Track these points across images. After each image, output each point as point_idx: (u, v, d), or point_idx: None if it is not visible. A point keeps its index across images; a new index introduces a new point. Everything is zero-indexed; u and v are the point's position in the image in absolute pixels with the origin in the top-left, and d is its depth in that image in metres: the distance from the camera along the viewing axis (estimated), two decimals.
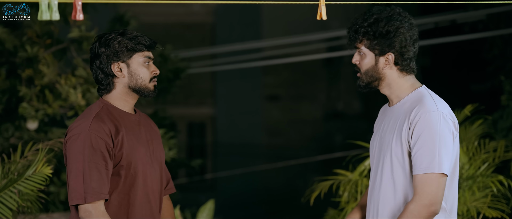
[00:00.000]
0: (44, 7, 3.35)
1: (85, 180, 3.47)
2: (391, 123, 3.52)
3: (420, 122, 3.38)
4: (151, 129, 3.76)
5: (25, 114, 7.42)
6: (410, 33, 3.48)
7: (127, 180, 3.58)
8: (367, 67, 3.52)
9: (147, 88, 3.64)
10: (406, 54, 3.48)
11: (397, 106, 3.53)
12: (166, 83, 8.26)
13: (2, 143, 7.74)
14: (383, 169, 3.50)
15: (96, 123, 3.54)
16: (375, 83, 3.53)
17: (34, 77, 7.57)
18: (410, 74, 3.53)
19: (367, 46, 3.50)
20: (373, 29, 3.47)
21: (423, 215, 3.31)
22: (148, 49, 3.65)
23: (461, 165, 6.23)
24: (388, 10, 3.50)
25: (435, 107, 3.41)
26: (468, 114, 6.19)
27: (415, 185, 3.35)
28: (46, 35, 7.81)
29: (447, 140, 3.37)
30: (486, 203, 5.97)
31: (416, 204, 3.33)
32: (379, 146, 3.56)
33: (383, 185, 3.49)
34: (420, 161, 3.35)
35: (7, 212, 4.94)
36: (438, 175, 3.32)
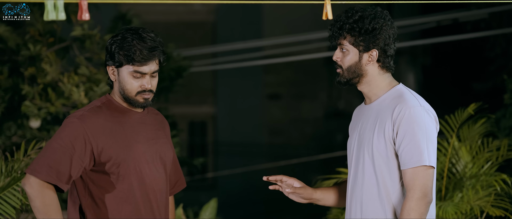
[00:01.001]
0: (50, 7, 3.34)
1: (47, 156, 3.48)
2: (370, 121, 3.56)
3: (405, 118, 3.43)
4: (159, 128, 3.72)
5: (27, 113, 7.42)
6: (392, 31, 3.56)
7: (119, 179, 3.56)
8: (350, 64, 3.56)
9: (134, 100, 3.58)
10: (388, 51, 3.55)
11: (375, 103, 3.58)
12: (168, 82, 8.25)
13: (4, 142, 7.74)
14: (364, 167, 3.54)
15: (88, 116, 3.55)
16: (356, 80, 3.57)
17: (37, 76, 7.56)
18: (389, 72, 3.59)
19: (351, 42, 3.54)
20: (359, 25, 3.51)
21: (422, 207, 3.40)
22: (139, 64, 3.52)
23: (464, 164, 6.23)
24: (370, 9, 3.56)
25: (417, 102, 3.47)
26: (472, 113, 6.18)
27: (406, 180, 3.42)
28: (49, 33, 7.81)
29: (432, 134, 3.46)
30: (490, 202, 5.97)
31: (412, 199, 3.40)
32: (358, 145, 3.59)
33: (366, 183, 3.53)
34: (410, 155, 3.41)
35: (10, 210, 4.94)
36: (428, 167, 3.41)
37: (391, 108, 3.48)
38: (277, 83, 15.77)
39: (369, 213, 3.53)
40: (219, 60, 13.62)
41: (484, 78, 11.33)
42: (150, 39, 3.54)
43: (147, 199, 3.61)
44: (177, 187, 3.88)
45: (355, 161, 3.60)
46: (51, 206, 3.46)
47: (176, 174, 3.86)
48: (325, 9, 3.89)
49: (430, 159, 3.41)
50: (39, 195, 3.45)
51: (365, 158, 3.53)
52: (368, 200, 3.53)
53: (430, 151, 3.43)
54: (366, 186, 3.53)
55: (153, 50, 3.53)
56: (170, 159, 3.73)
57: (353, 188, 3.59)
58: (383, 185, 3.50)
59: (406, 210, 3.40)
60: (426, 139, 3.42)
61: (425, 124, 3.44)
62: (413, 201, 3.39)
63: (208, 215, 7.36)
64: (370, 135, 3.53)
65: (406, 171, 3.42)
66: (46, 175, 3.46)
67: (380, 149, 3.49)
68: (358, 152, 3.58)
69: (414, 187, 3.40)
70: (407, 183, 3.42)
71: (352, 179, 3.61)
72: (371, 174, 3.52)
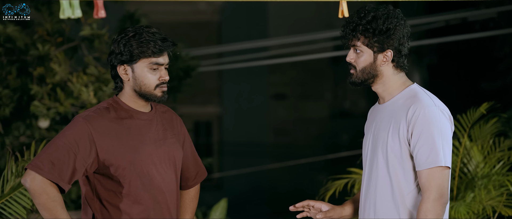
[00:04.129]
0: (66, 5, 3.32)
1: (51, 153, 3.45)
2: (384, 121, 3.54)
3: (420, 118, 3.41)
4: (167, 127, 3.71)
5: (36, 113, 7.41)
6: (406, 30, 3.53)
7: (126, 182, 3.54)
8: (365, 65, 3.53)
9: (153, 95, 3.56)
10: (403, 51, 3.53)
11: (389, 103, 3.56)
12: (176, 82, 8.24)
13: (12, 142, 7.73)
14: (378, 167, 3.52)
15: (94, 117, 3.54)
16: (371, 80, 3.55)
17: (46, 75, 7.56)
18: (403, 71, 3.58)
19: (366, 43, 3.52)
20: (372, 26, 3.49)
21: (438, 208, 3.37)
22: (157, 55, 3.55)
23: (476, 163, 6.20)
24: (383, 8, 3.53)
25: (431, 102, 3.45)
26: (484, 112, 6.16)
27: (422, 181, 3.39)
28: (57, 33, 7.80)
29: (448, 134, 3.44)
30: (502, 201, 5.94)
31: (429, 200, 3.38)
32: (373, 145, 3.57)
33: (380, 183, 3.51)
34: (426, 156, 3.39)
35: (21, 211, 4.93)
36: (443, 168, 3.39)
37: (406, 108, 3.46)
38: (283, 83, 15.75)
39: (383, 214, 3.51)
40: (225, 60, 13.60)
41: (493, 78, 11.31)
42: (158, 33, 3.56)
43: (156, 201, 3.60)
44: (198, 178, 3.88)
45: (369, 161, 3.58)
46: (56, 202, 3.44)
47: (196, 165, 3.86)
48: (341, 7, 3.88)
49: (446, 160, 3.39)
50: (43, 192, 3.42)
51: (379, 159, 3.51)
52: (381, 201, 3.51)
53: (446, 151, 3.40)
54: (380, 186, 3.51)
55: (165, 41, 3.55)
56: (179, 158, 3.71)
57: (368, 188, 3.58)
58: (397, 186, 3.48)
59: (423, 212, 3.37)
60: (442, 139, 3.40)
61: (440, 124, 3.41)
62: (429, 202, 3.37)
63: (218, 215, 7.35)
64: (384, 135, 3.51)
65: (421, 172, 3.40)
66: (48, 173, 3.43)
67: (395, 149, 3.47)
68: (372, 152, 3.57)
69: (430, 188, 3.37)
70: (423, 184, 3.40)
71: (366, 179, 3.60)
72: (385, 175, 3.50)
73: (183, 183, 3.87)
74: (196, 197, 3.92)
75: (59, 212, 3.44)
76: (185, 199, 3.89)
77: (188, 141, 3.83)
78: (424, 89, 3.56)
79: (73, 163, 3.47)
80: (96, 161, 3.52)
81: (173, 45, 3.60)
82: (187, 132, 3.85)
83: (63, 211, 3.45)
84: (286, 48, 13.56)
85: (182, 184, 3.87)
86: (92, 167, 3.52)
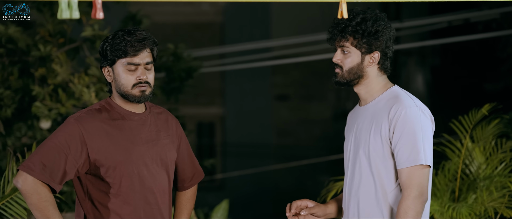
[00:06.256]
0: (64, 6, 3.31)
1: (42, 154, 3.48)
2: (366, 122, 3.60)
3: (401, 118, 3.49)
4: (160, 128, 3.71)
5: (38, 113, 7.40)
6: (392, 34, 3.63)
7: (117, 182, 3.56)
8: (352, 65, 3.60)
9: (131, 94, 3.59)
10: (388, 53, 3.61)
11: (370, 105, 3.62)
12: (179, 82, 8.24)
13: (14, 143, 7.73)
14: (361, 168, 3.57)
15: (85, 118, 3.57)
16: (355, 81, 3.61)
17: (47, 76, 7.56)
18: (386, 74, 3.66)
19: (354, 44, 3.59)
20: (362, 27, 3.56)
21: (418, 206, 3.44)
22: (131, 55, 3.56)
23: (478, 165, 6.19)
24: (371, 11, 3.61)
25: (412, 103, 3.53)
26: (486, 114, 6.16)
27: (403, 179, 3.46)
28: (59, 34, 7.80)
29: (429, 133, 3.51)
30: (504, 203, 5.94)
31: (409, 198, 3.44)
32: (355, 146, 3.62)
33: (363, 183, 3.57)
34: (407, 155, 3.46)
35: (22, 212, 4.94)
36: (424, 166, 3.46)
37: (388, 109, 3.53)
38: (286, 84, 15.74)
39: (366, 213, 3.56)
40: (227, 61, 13.59)
41: (495, 79, 11.29)
42: (140, 33, 3.59)
43: (147, 201, 3.62)
44: (195, 179, 3.90)
45: (352, 162, 3.63)
46: (48, 202, 3.47)
47: (192, 167, 3.88)
48: (341, 8, 3.88)
49: (426, 158, 3.46)
50: (35, 192, 3.46)
51: (362, 159, 3.57)
52: (365, 200, 3.57)
53: (427, 150, 3.47)
54: (363, 186, 3.57)
55: (143, 40, 3.57)
56: (172, 159, 3.72)
57: (351, 189, 3.63)
58: (380, 185, 3.54)
59: (403, 209, 3.43)
60: (423, 138, 3.47)
61: (421, 123, 3.48)
62: (410, 200, 3.43)
63: (220, 216, 7.35)
64: (366, 135, 3.57)
65: (402, 170, 3.47)
66: (39, 174, 3.46)
67: (377, 149, 3.53)
68: (354, 153, 3.62)
69: (411, 186, 3.44)
70: (404, 182, 3.46)
71: (349, 181, 3.65)
72: (368, 174, 3.56)
73: (180, 184, 3.89)
74: (192, 198, 3.93)
75: (50, 212, 3.46)
76: (182, 200, 3.91)
77: (184, 143, 3.83)
78: (405, 91, 3.63)
79: (64, 164, 3.50)
80: (87, 162, 3.54)
81: (151, 44, 3.60)
82: (184, 133, 3.86)
83: (54, 211, 3.47)
84: (289, 49, 13.55)
85: (178, 185, 3.89)
86: (83, 167, 3.55)
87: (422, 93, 14.81)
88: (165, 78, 8.34)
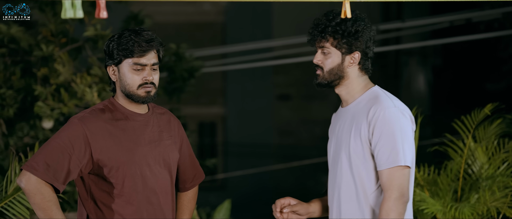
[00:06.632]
0: (68, 5, 3.31)
1: (46, 154, 3.49)
2: (346, 123, 3.59)
3: (380, 119, 3.48)
4: (163, 128, 3.72)
5: (40, 113, 7.40)
6: (372, 33, 3.62)
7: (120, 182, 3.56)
8: (332, 66, 3.59)
9: (136, 95, 3.59)
10: (369, 53, 3.60)
11: (351, 106, 3.61)
12: (181, 82, 8.25)
13: (16, 142, 7.73)
14: (342, 168, 3.58)
15: (88, 118, 3.57)
16: (336, 82, 3.61)
17: (50, 76, 7.56)
18: (367, 74, 3.64)
19: (334, 45, 3.58)
20: (342, 27, 3.56)
21: (400, 207, 3.44)
22: (138, 56, 3.56)
23: (480, 164, 6.19)
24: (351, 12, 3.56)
25: (392, 103, 3.52)
26: (489, 113, 6.15)
27: (383, 180, 3.46)
28: (61, 33, 7.80)
29: (408, 134, 3.50)
30: (506, 203, 5.93)
31: (390, 200, 3.44)
32: (336, 147, 3.63)
33: (344, 184, 3.57)
34: (386, 156, 3.46)
35: (24, 212, 4.94)
36: (403, 168, 3.46)
37: (367, 110, 3.53)
38: (287, 83, 15.73)
39: (348, 214, 3.56)
40: (229, 60, 13.60)
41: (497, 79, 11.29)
42: (147, 34, 3.59)
43: (149, 202, 3.63)
44: (196, 180, 3.91)
45: (333, 163, 3.64)
46: (51, 202, 3.47)
47: (193, 168, 3.89)
48: (344, 7, 3.88)
49: (406, 159, 3.46)
50: (38, 192, 3.46)
51: (343, 160, 3.57)
52: (346, 201, 3.57)
53: (406, 151, 3.47)
54: (344, 187, 3.57)
55: (150, 41, 3.57)
56: (174, 160, 3.73)
57: (333, 190, 3.64)
58: (361, 186, 3.54)
59: (384, 210, 3.43)
60: (402, 139, 3.46)
61: (401, 124, 3.48)
62: (391, 201, 3.43)
63: (222, 216, 7.35)
64: (347, 137, 3.56)
65: (382, 172, 3.47)
66: (43, 173, 3.46)
67: (357, 150, 3.53)
68: (336, 154, 3.63)
69: (391, 187, 3.44)
70: (384, 184, 3.46)
71: (331, 181, 3.65)
72: (348, 176, 3.56)
73: (181, 185, 3.89)
74: (194, 198, 3.94)
75: (53, 212, 3.47)
76: (183, 201, 3.91)
77: (186, 144, 3.84)
78: (385, 91, 3.62)
79: (68, 164, 3.49)
80: (91, 162, 3.54)
81: (158, 45, 3.60)
82: (185, 134, 3.87)
83: (57, 211, 3.47)
84: (290, 49, 13.54)
85: (180, 186, 3.89)
86: (86, 167, 3.55)
87: (423, 93, 14.81)
88: (167, 78, 8.35)
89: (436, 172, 6.25)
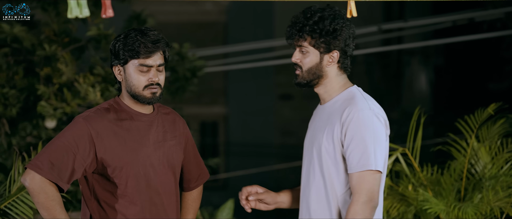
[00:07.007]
0: (74, 4, 3.32)
1: (50, 153, 3.48)
2: (321, 122, 3.56)
3: (353, 121, 3.43)
4: (167, 129, 3.71)
5: (43, 113, 7.41)
6: (351, 31, 3.54)
7: (123, 183, 3.56)
8: (311, 65, 3.53)
9: (141, 96, 3.58)
10: (348, 52, 3.53)
11: (328, 104, 3.56)
12: (183, 82, 8.25)
13: (19, 142, 7.74)
14: (314, 168, 3.54)
15: (93, 117, 3.56)
16: (315, 81, 3.56)
17: (52, 76, 7.56)
18: (345, 73, 3.58)
19: (312, 44, 3.51)
20: (319, 26, 3.49)
21: (367, 211, 3.39)
22: (144, 57, 3.55)
23: (483, 164, 6.19)
24: (329, 9, 3.53)
25: (366, 105, 3.46)
26: (492, 113, 6.15)
27: (353, 183, 3.41)
28: (64, 33, 7.81)
29: (381, 138, 3.44)
30: (510, 202, 5.93)
31: (357, 203, 3.39)
32: (309, 145, 3.60)
33: (314, 183, 3.53)
34: (357, 159, 3.41)
35: (28, 211, 4.94)
36: (374, 172, 3.40)
37: (341, 110, 3.47)
38: (289, 83, 15.72)
39: (317, 214, 3.53)
40: (231, 60, 13.60)
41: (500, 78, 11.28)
42: (153, 34, 3.57)
43: (153, 202, 3.62)
44: (200, 180, 3.91)
45: (306, 161, 3.60)
46: (55, 201, 3.47)
47: (198, 168, 3.88)
48: (349, 6, 3.88)
49: (377, 164, 3.41)
50: (42, 191, 3.45)
51: (315, 159, 3.53)
52: (315, 201, 3.53)
53: (378, 155, 3.42)
54: (315, 187, 3.53)
55: (157, 42, 3.55)
56: (179, 160, 3.72)
57: (304, 188, 3.60)
58: (331, 187, 3.50)
59: (351, 213, 3.39)
60: (374, 143, 3.41)
61: (374, 127, 3.42)
62: (358, 205, 3.38)
63: (225, 215, 7.35)
64: (320, 136, 3.52)
65: (352, 175, 3.42)
66: (47, 173, 3.46)
67: (329, 151, 3.49)
68: (308, 152, 3.59)
69: (360, 190, 3.39)
70: (353, 187, 3.41)
71: (304, 179, 3.62)
72: (319, 176, 3.52)
73: (185, 185, 3.89)
74: (198, 198, 3.94)
75: (57, 211, 3.47)
76: (188, 200, 3.91)
77: (190, 143, 3.83)
78: (362, 92, 3.56)
79: (72, 163, 3.49)
80: (95, 162, 3.54)
81: (164, 46, 3.59)
82: (190, 134, 3.86)
83: (61, 211, 3.47)
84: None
85: (184, 186, 3.89)
86: (91, 167, 3.55)
87: (425, 93, 14.81)
88: (169, 77, 8.35)
89: (439, 172, 6.24)
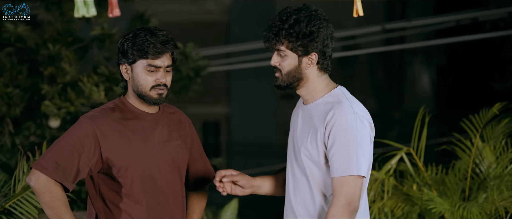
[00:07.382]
0: (80, 4, 3.31)
1: (55, 153, 3.47)
2: (305, 124, 3.52)
3: (336, 125, 3.38)
4: (173, 128, 3.70)
5: (47, 112, 7.41)
6: (329, 31, 3.47)
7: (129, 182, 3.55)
8: (290, 69, 3.46)
9: (148, 96, 3.57)
10: (327, 52, 3.47)
11: (312, 105, 3.52)
12: (187, 81, 8.25)
13: (23, 141, 7.74)
14: (299, 168, 3.51)
15: (99, 117, 3.55)
16: (296, 84, 3.49)
17: (56, 75, 7.56)
18: (326, 73, 3.53)
19: (290, 48, 3.44)
20: (295, 30, 3.42)
21: (345, 215, 3.36)
22: (153, 57, 3.53)
23: (488, 164, 6.18)
24: (305, 10, 3.47)
25: (350, 109, 3.39)
26: (497, 113, 6.14)
27: (334, 187, 3.38)
28: (68, 33, 7.81)
29: (364, 142, 3.39)
30: None
31: (336, 206, 3.36)
32: (293, 146, 3.56)
33: (299, 185, 3.51)
34: (338, 164, 3.37)
35: (33, 211, 4.94)
36: (356, 177, 3.36)
37: (325, 113, 3.43)
38: None
39: (302, 214, 3.51)
40: (233, 60, 13.60)
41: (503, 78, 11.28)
42: (162, 35, 3.55)
43: (158, 202, 3.61)
44: (206, 180, 3.89)
45: (289, 163, 3.57)
46: (60, 201, 3.47)
47: (204, 167, 3.87)
48: (355, 6, 3.86)
49: (359, 169, 3.36)
50: (47, 191, 3.45)
51: (298, 161, 3.50)
52: (302, 202, 3.51)
53: (360, 160, 3.37)
54: (299, 189, 3.51)
55: (166, 43, 3.54)
56: (184, 160, 3.71)
57: (288, 189, 3.57)
58: (316, 188, 3.47)
59: (329, 215, 3.36)
60: (356, 148, 3.36)
61: (357, 132, 3.37)
62: (337, 208, 3.35)
63: (230, 215, 7.34)
64: (303, 138, 3.49)
65: (334, 179, 3.38)
66: (52, 172, 3.46)
67: (313, 153, 3.45)
68: (291, 154, 3.56)
69: (340, 194, 3.36)
70: (334, 189, 3.38)
71: (288, 180, 3.58)
72: (302, 178, 3.49)
73: (191, 184, 3.88)
74: (204, 197, 3.92)
75: (62, 211, 3.46)
76: (194, 200, 3.90)
77: (196, 143, 3.82)
78: (347, 94, 3.50)
79: (78, 163, 3.49)
80: (100, 161, 3.54)
81: (173, 48, 3.57)
82: (196, 133, 3.84)
83: (67, 210, 3.47)
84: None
85: (190, 185, 3.88)
86: (96, 167, 3.54)
87: (427, 92, 14.81)
88: (173, 77, 8.36)
89: (444, 172, 6.23)
